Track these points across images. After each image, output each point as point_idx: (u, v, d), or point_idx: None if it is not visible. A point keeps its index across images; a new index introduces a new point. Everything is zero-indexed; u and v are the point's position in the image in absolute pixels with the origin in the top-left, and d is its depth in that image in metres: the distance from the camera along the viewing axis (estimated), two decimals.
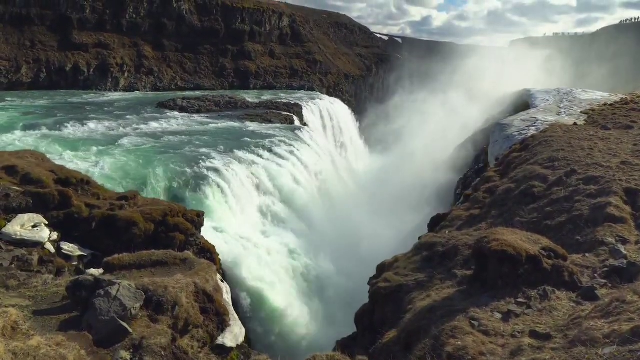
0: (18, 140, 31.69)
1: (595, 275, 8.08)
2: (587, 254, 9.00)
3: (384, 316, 9.78)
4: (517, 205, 13.02)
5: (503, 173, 17.64)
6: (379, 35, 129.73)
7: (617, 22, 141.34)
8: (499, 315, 7.03)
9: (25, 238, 12.56)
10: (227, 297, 10.99)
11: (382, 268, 11.91)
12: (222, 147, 34.91)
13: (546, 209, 12.01)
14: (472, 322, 6.93)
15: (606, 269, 8.14)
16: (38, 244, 12.71)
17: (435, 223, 15.88)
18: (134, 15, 70.28)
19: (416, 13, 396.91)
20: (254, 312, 23.91)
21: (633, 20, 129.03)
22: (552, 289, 7.47)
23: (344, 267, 31.16)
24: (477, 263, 8.43)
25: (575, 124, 24.60)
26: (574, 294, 7.43)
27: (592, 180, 12.88)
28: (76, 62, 62.68)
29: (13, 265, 11.27)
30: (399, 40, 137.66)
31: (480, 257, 8.20)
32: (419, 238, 12.46)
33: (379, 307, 10.23)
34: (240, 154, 34.17)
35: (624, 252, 8.71)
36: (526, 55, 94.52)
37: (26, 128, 35.82)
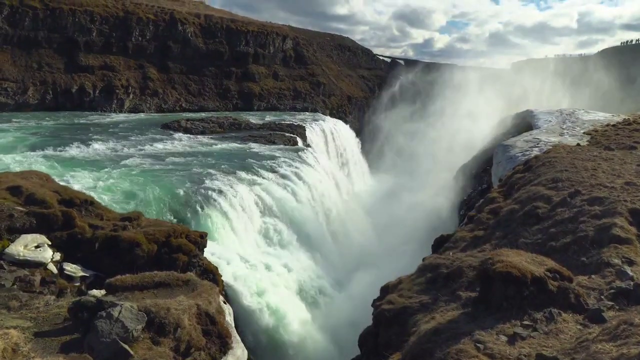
0: (23, 160, 31.87)
1: (602, 297, 8.00)
2: (593, 276, 8.92)
3: (388, 339, 9.66)
4: (521, 227, 12.95)
5: (507, 194, 17.60)
6: (381, 57, 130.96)
7: (617, 43, 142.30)
8: (504, 338, 6.94)
9: (28, 258, 12.53)
10: (229, 319, 10.89)
11: (385, 290, 11.81)
12: (225, 168, 35.03)
13: (551, 230, 11.95)
14: (478, 345, 6.84)
15: (613, 290, 8.06)
16: (41, 265, 12.67)
17: (439, 244, 15.80)
18: (140, 38, 71.26)
19: (418, 35, 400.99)
20: (257, 334, 23.69)
21: (633, 42, 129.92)
22: (558, 311, 7.39)
23: (347, 288, 30.97)
24: (481, 285, 8.36)
25: (578, 144, 24.64)
26: (581, 316, 7.34)
27: (597, 201, 12.83)
28: (82, 83, 63.37)
29: (15, 286, 11.22)
30: (402, 62, 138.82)
31: (485, 279, 8.13)
32: (423, 259, 12.37)
33: (383, 330, 10.11)
34: (243, 174, 34.25)
35: (631, 273, 8.63)
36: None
37: (31, 148, 36.07)
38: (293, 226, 34.04)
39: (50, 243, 13.59)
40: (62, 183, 20.51)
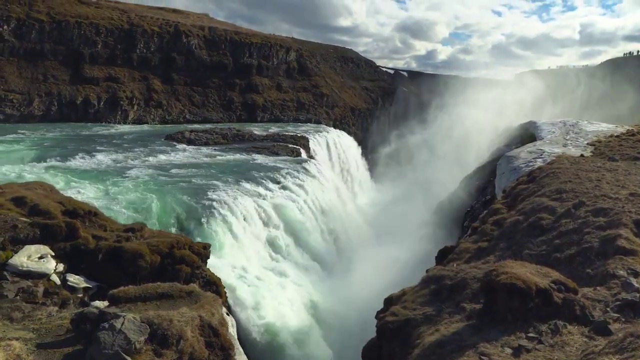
0: (28, 171, 31.99)
1: (608, 309, 7.93)
2: (598, 287, 8.85)
3: (391, 351, 9.60)
4: (526, 238, 12.89)
5: (510, 205, 17.53)
6: (384, 69, 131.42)
7: (620, 54, 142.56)
8: (509, 351, 6.89)
9: (31, 269, 12.53)
10: (232, 330, 10.85)
11: (389, 301, 11.75)
12: (229, 179, 35.06)
13: (555, 241, 11.88)
14: (482, 357, 6.79)
15: (618, 302, 7.99)
16: (44, 276, 12.67)
17: (443, 255, 15.73)
18: (145, 50, 71.83)
19: (421, 47, 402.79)
20: (260, 345, 23.56)
21: (636, 53, 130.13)
22: (564, 324, 7.33)
23: (350, 299, 30.78)
24: (486, 297, 8.30)
25: (582, 155, 24.57)
26: (586, 328, 7.28)
27: (601, 212, 12.77)
28: (87, 95, 63.79)
29: (18, 297, 11.22)
30: (405, 73, 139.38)
31: (489, 291, 8.08)
32: (427, 271, 12.31)
33: (386, 342, 10.04)
34: (247, 186, 34.27)
35: (636, 285, 8.57)
36: None
37: (36, 160, 36.22)
38: (296, 237, 33.99)
39: (53, 254, 13.59)
40: (66, 194, 20.56)
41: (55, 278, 12.98)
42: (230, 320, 11.20)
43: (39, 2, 64.49)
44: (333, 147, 66.26)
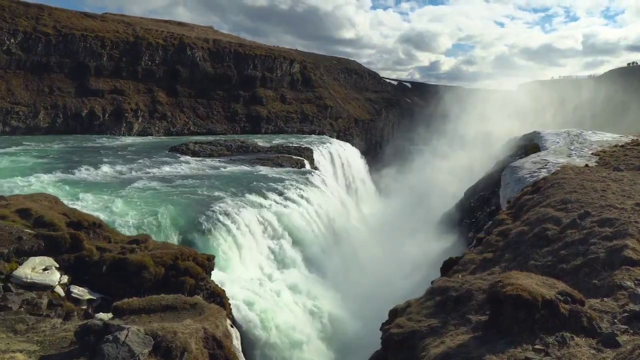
0: (33, 183, 32.12)
1: (615, 320, 7.84)
2: (605, 299, 8.77)
3: None
4: (531, 249, 12.81)
5: (515, 216, 17.45)
6: (388, 80, 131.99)
7: (623, 64, 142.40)
8: None
9: (36, 281, 12.54)
10: (236, 343, 10.80)
11: (394, 313, 11.67)
12: (233, 190, 35.10)
13: (561, 252, 11.80)
14: None
15: (626, 314, 7.91)
16: (48, 287, 12.67)
17: (448, 267, 15.65)
18: (149, 63, 72.40)
19: (424, 58, 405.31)
20: (264, 358, 23.43)
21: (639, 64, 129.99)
22: (571, 335, 7.25)
23: (355, 311, 30.64)
24: (491, 308, 8.24)
25: (586, 165, 24.50)
26: (594, 340, 7.20)
27: (607, 222, 12.68)
28: (92, 107, 64.26)
29: (22, 309, 11.22)
30: (408, 84, 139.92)
31: (495, 302, 8.01)
32: (432, 282, 12.24)
33: (391, 354, 9.95)
34: (251, 197, 34.28)
35: None
36: None
37: (41, 171, 36.35)
38: (300, 249, 33.91)
39: (57, 266, 13.60)
40: (70, 206, 20.61)
41: (60, 290, 12.99)
42: (234, 333, 11.16)
43: (46, 16, 65.28)
44: (337, 158, 66.29)
